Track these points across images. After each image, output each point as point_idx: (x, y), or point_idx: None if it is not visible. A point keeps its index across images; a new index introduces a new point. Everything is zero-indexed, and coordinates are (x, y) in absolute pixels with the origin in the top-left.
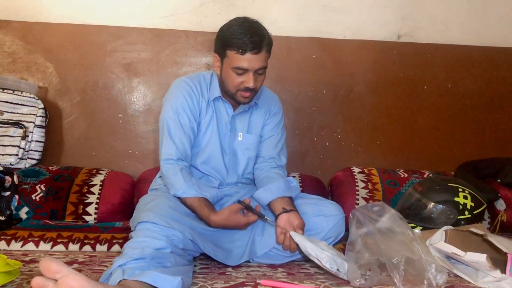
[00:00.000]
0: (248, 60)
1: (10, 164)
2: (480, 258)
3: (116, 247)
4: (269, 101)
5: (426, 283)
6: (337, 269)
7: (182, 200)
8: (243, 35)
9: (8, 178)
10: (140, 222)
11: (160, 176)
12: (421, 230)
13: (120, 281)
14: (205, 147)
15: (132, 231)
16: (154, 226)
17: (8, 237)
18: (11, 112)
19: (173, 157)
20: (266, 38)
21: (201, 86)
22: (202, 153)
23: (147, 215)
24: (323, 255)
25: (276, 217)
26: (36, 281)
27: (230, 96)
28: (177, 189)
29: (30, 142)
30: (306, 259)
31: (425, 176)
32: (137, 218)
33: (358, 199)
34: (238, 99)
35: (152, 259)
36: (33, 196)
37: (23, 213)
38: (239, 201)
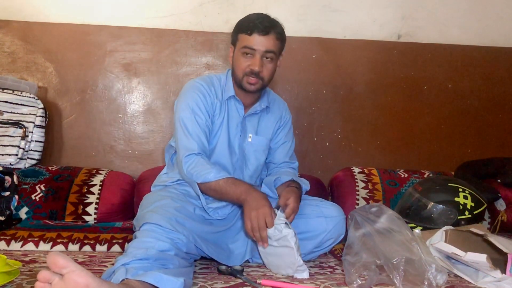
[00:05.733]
0: (254, 40)
1: (10, 164)
2: (480, 258)
3: (116, 247)
4: (281, 108)
5: (426, 283)
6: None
7: (212, 187)
8: (255, 19)
9: (7, 178)
10: (145, 223)
11: (166, 173)
12: (421, 230)
13: (123, 280)
14: (215, 147)
15: (136, 230)
16: (159, 228)
17: (8, 237)
18: (11, 112)
19: (194, 151)
20: (277, 27)
21: (215, 87)
22: (212, 153)
23: (152, 217)
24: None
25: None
26: (42, 274)
27: (238, 84)
28: (206, 175)
29: (30, 142)
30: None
31: (425, 176)
32: (142, 218)
33: (358, 199)
34: (244, 86)
35: (155, 260)
36: (33, 196)
37: (22, 213)
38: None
